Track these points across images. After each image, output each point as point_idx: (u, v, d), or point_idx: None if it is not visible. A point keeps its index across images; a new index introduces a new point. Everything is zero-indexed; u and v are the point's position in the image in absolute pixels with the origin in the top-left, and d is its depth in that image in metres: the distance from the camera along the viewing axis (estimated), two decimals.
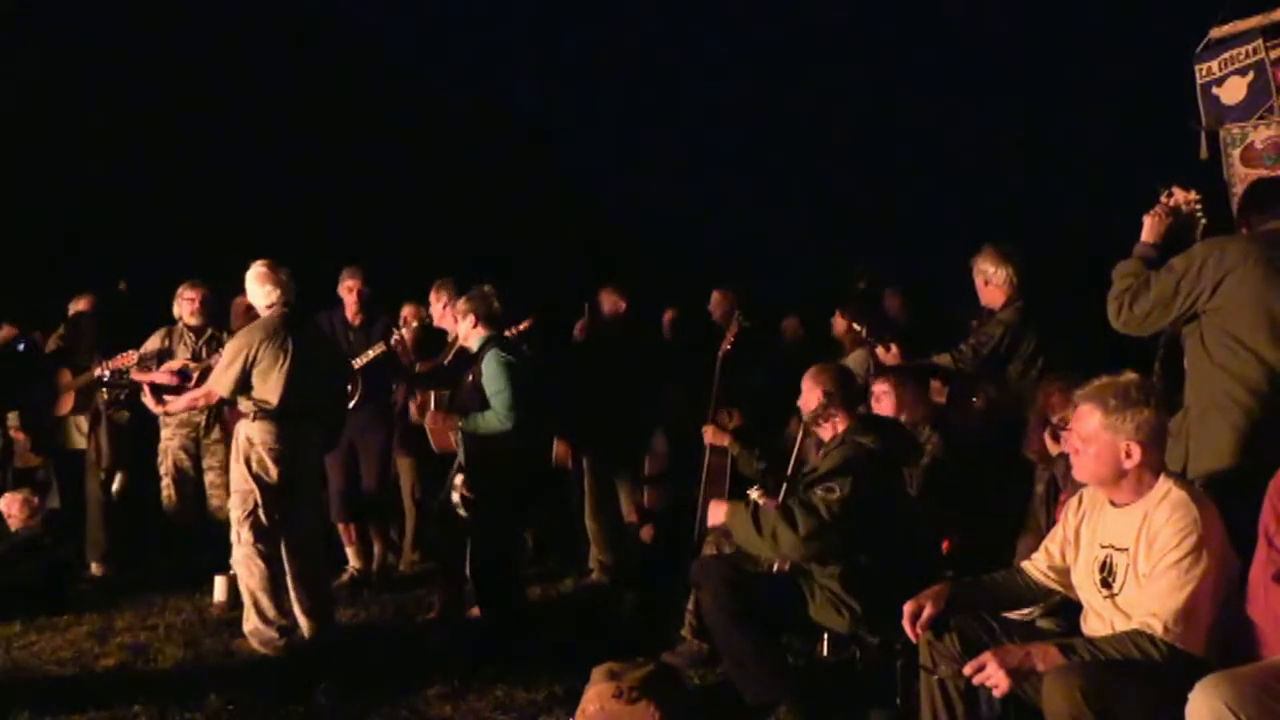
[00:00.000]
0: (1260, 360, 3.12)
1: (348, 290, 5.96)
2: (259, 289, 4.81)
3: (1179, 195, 3.57)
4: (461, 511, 4.81)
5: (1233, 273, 3.14)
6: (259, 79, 13.45)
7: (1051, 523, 3.67)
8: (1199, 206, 3.55)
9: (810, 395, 3.99)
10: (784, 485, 3.84)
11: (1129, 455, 2.72)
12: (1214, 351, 3.20)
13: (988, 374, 4.84)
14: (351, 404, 5.71)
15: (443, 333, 5.91)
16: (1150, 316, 3.29)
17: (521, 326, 5.68)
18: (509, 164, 15.64)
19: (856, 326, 5.34)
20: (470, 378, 4.90)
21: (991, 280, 4.97)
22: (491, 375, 4.76)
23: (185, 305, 6.02)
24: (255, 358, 4.65)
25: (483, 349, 4.89)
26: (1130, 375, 2.83)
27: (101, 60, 12.05)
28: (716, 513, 3.93)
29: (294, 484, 4.73)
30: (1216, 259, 3.17)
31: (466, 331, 5.00)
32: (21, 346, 6.71)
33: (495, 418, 4.74)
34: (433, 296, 5.80)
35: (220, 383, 4.71)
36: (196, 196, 11.97)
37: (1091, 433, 2.76)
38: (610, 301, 6.41)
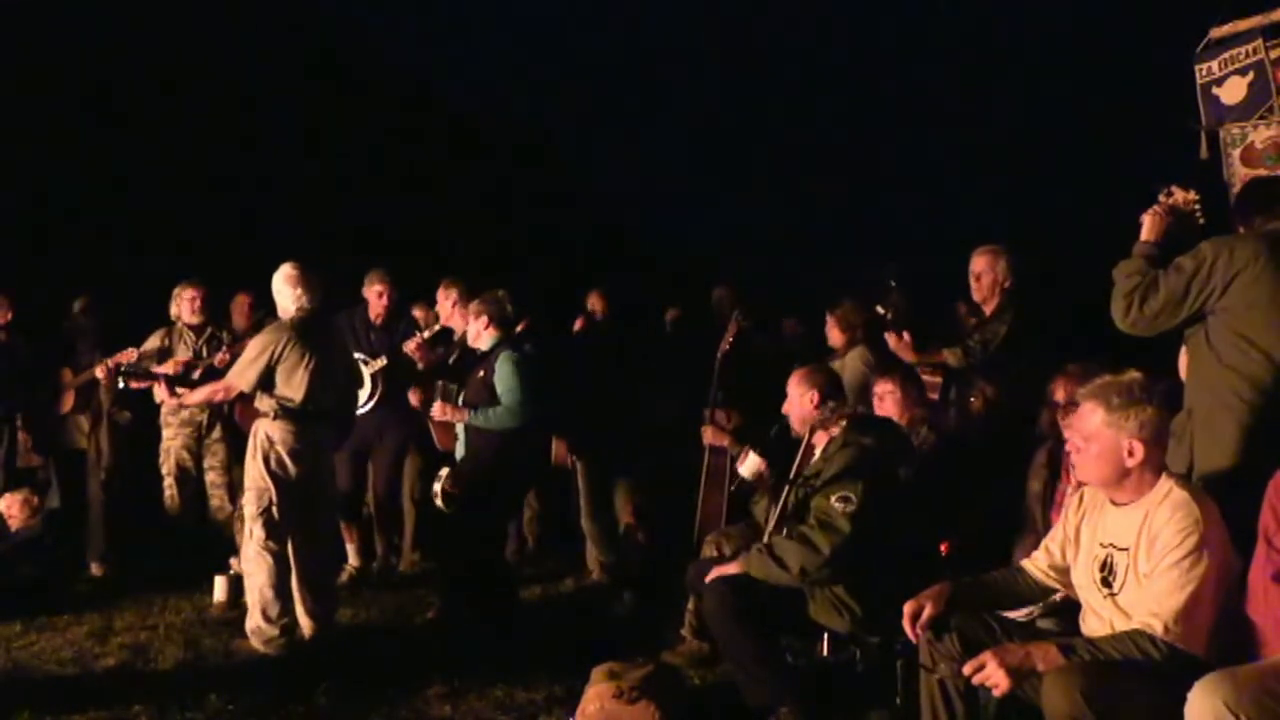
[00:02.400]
0: (1270, 360, 3.10)
1: (377, 295, 5.96)
2: (288, 290, 4.79)
3: (1178, 195, 3.54)
4: (439, 503, 4.85)
5: (1244, 272, 3.12)
6: (257, 78, 13.46)
7: (1047, 522, 3.68)
8: (1198, 206, 3.53)
9: (803, 398, 3.97)
10: (785, 488, 3.81)
11: (1131, 454, 2.71)
12: (1222, 352, 3.18)
13: (986, 373, 4.86)
14: (371, 405, 5.73)
15: (449, 331, 5.93)
16: (1160, 317, 3.25)
17: (518, 328, 5.69)
18: (508, 164, 15.65)
19: (881, 310, 5.33)
20: (480, 374, 4.94)
21: (990, 278, 5.01)
22: (505, 374, 4.85)
23: (185, 305, 6.03)
24: (280, 355, 4.65)
25: (495, 349, 4.94)
26: (1133, 373, 2.83)
27: (100, 59, 12.05)
28: (729, 569, 3.77)
29: (310, 483, 4.74)
30: (1226, 258, 3.15)
31: (478, 332, 5.05)
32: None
33: (507, 414, 4.82)
34: (440, 295, 5.82)
35: (244, 378, 4.70)
36: (194, 196, 11.97)
37: (1094, 431, 2.75)
38: (593, 305, 6.42)
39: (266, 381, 4.67)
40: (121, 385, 5.63)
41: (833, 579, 3.61)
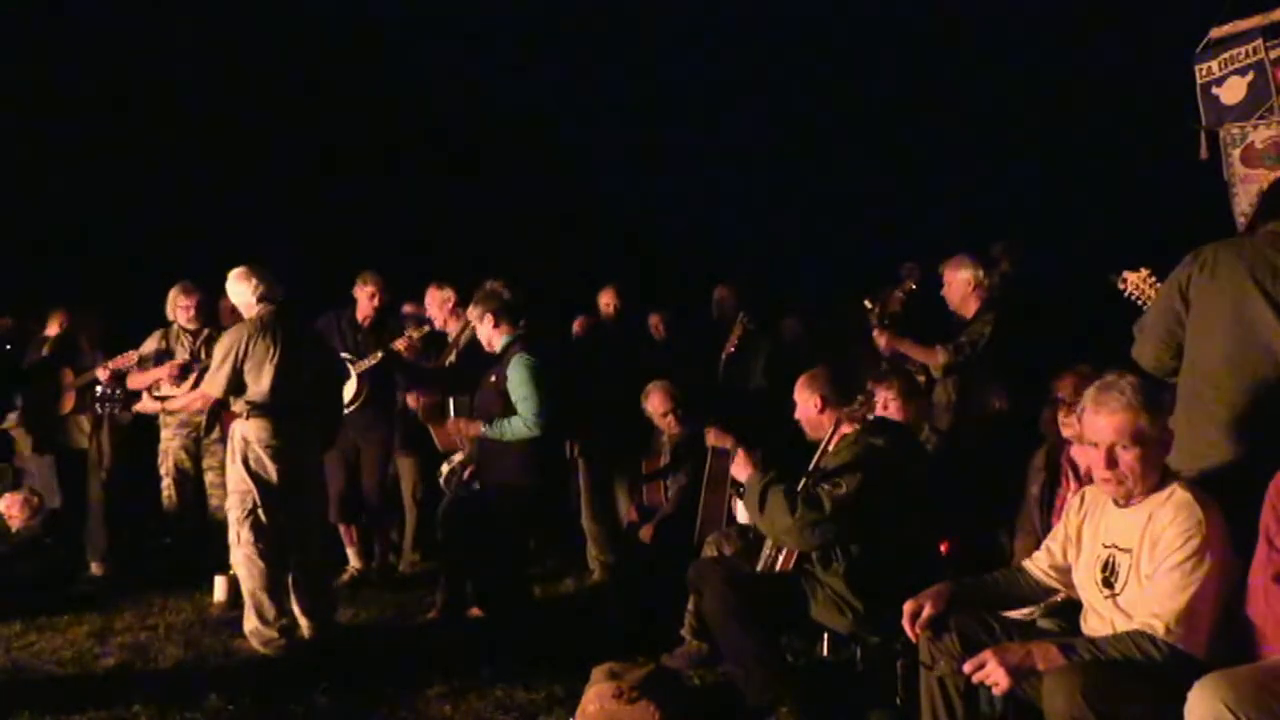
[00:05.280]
0: (1225, 357, 3.05)
1: (368, 295, 5.94)
2: (240, 288, 4.77)
3: (1131, 279, 3.63)
4: (442, 484, 4.77)
5: (1196, 275, 3.11)
6: (256, 77, 13.46)
7: (1047, 524, 3.68)
8: (1155, 279, 3.55)
9: (806, 404, 3.97)
10: (803, 480, 3.82)
11: (1166, 448, 2.72)
12: (1188, 352, 3.17)
13: (989, 375, 4.88)
14: (355, 405, 5.71)
15: (441, 335, 5.92)
16: (1167, 340, 3.19)
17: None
18: (509, 163, 15.65)
19: (868, 304, 5.35)
20: (493, 379, 4.81)
21: (958, 288, 5.13)
22: (518, 381, 4.68)
23: (180, 312, 6.02)
24: (245, 354, 4.61)
25: (507, 350, 4.83)
26: (1129, 376, 2.82)
27: (100, 59, 12.05)
28: (740, 468, 3.90)
29: (294, 481, 4.69)
30: (1190, 262, 3.15)
31: (488, 335, 4.90)
32: (9, 346, 6.71)
33: (523, 424, 4.65)
34: (432, 297, 5.81)
35: (213, 384, 4.66)
36: (194, 196, 11.98)
37: (1137, 435, 2.68)
38: (606, 302, 6.42)
39: (236, 383, 4.63)
40: (100, 411, 5.69)
41: (795, 547, 3.68)
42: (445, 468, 4.85)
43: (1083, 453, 2.82)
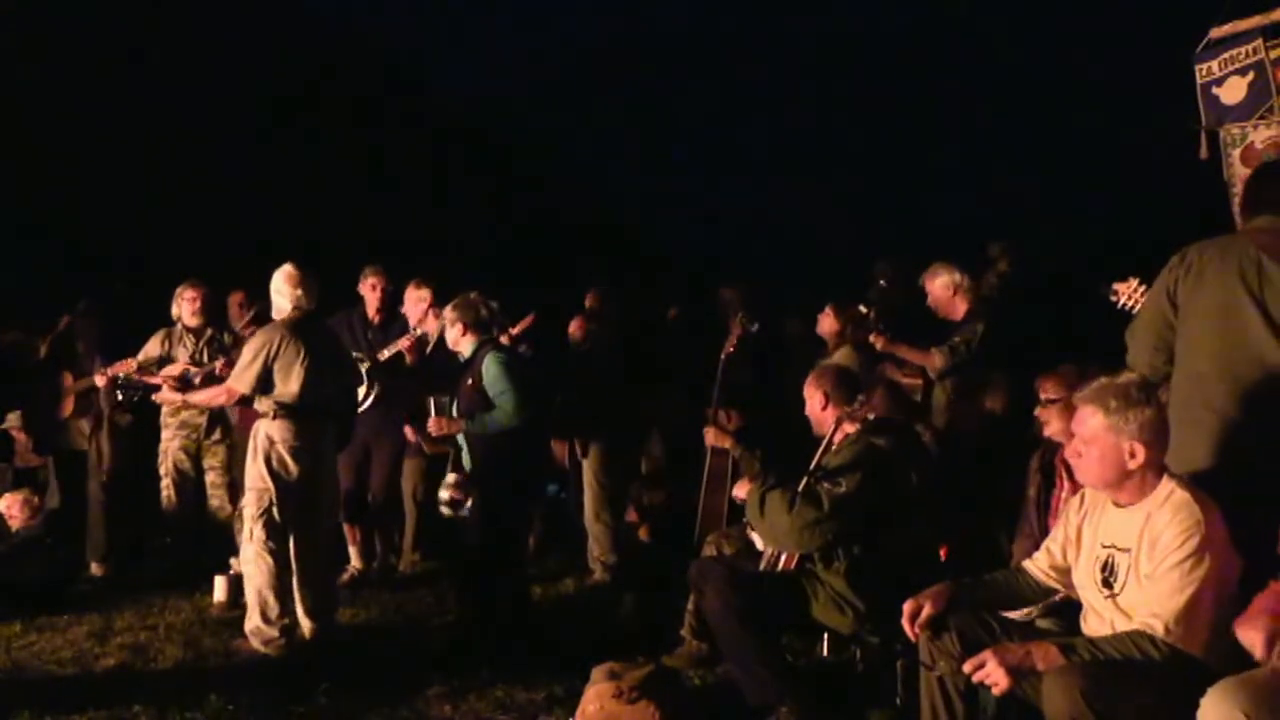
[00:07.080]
0: (1212, 359, 3.05)
1: (371, 288, 5.95)
2: (287, 289, 4.80)
3: (1122, 289, 3.67)
4: (446, 511, 4.78)
5: (1185, 278, 3.10)
6: (258, 79, 13.47)
7: (1044, 526, 3.69)
8: (1143, 287, 3.56)
9: (811, 401, 3.99)
10: (804, 479, 3.83)
11: (1133, 455, 2.71)
12: (1177, 355, 3.17)
13: (986, 376, 4.89)
14: (368, 404, 5.71)
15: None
16: (1159, 345, 3.20)
17: (525, 323, 5.68)
18: (513, 161, 15.67)
19: (863, 309, 5.36)
20: (470, 381, 4.86)
21: (940, 293, 5.21)
22: (494, 377, 4.73)
23: (185, 306, 6.02)
24: (276, 354, 4.66)
25: (477, 353, 4.88)
26: (1129, 375, 2.82)
27: (98, 59, 12.06)
28: (741, 490, 4.12)
29: (312, 482, 4.74)
30: (1177, 262, 3.15)
31: (455, 339, 4.97)
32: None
33: (504, 416, 4.69)
34: (411, 295, 5.82)
35: (242, 380, 4.71)
36: (195, 196, 11.99)
37: (1093, 434, 2.74)
38: (590, 303, 6.44)
39: (265, 382, 4.68)
40: (120, 398, 5.68)
41: (797, 548, 3.70)
42: (444, 493, 4.82)
43: (1075, 451, 2.83)
